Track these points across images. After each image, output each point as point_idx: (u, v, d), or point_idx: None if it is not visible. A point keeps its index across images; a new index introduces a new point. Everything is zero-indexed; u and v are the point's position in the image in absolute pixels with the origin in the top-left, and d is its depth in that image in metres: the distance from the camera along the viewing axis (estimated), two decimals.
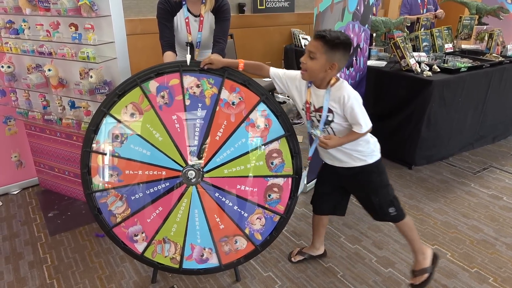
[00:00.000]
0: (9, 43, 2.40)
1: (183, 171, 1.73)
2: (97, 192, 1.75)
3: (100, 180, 1.74)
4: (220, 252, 1.85)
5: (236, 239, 1.84)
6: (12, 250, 2.29)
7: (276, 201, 1.83)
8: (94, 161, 1.73)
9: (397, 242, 2.36)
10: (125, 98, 1.70)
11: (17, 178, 2.90)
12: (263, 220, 1.84)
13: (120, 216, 1.77)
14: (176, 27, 2.18)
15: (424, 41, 3.69)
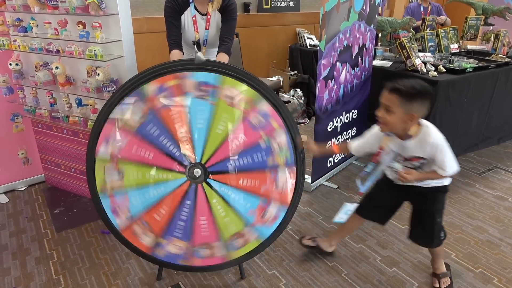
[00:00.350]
0: (17, 41, 2.42)
1: (188, 169, 1.73)
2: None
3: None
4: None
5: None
6: (19, 246, 2.31)
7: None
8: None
9: (402, 242, 2.36)
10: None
11: (23, 175, 2.93)
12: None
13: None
14: (183, 26, 2.20)
15: (429, 41, 3.69)
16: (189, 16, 2.18)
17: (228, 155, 1.72)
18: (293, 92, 4.32)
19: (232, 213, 1.78)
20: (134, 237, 1.82)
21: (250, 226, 1.81)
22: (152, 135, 1.69)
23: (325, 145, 1.76)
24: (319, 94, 2.71)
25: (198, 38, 2.22)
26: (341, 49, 2.83)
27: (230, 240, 1.82)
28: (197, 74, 1.69)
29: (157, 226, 1.79)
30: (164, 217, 1.77)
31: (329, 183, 3.05)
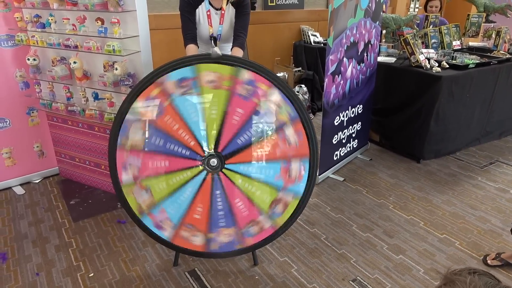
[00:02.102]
0: (35, 37, 2.49)
1: (204, 162, 1.78)
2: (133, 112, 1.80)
3: (142, 106, 1.78)
4: (177, 232, 1.89)
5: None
6: (38, 234, 2.40)
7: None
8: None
9: (407, 231, 2.45)
10: (148, 90, 1.76)
11: (38, 168, 3.01)
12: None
13: (132, 143, 1.80)
14: (198, 20, 2.25)
15: (432, 38, 3.77)
16: (204, 11, 2.23)
17: (234, 134, 1.77)
18: (298, 88, 4.40)
19: (261, 186, 1.83)
20: (185, 242, 1.90)
21: (282, 190, 1.86)
22: (160, 146, 1.77)
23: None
24: (327, 88, 2.79)
25: (212, 32, 2.27)
26: (348, 45, 2.91)
27: (271, 209, 1.87)
28: (172, 74, 1.74)
29: (201, 224, 1.86)
30: (204, 214, 1.85)
31: (335, 176, 3.14)
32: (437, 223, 2.54)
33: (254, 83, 1.77)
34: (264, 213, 1.88)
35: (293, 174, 1.85)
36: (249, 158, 1.80)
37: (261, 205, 1.86)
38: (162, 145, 1.76)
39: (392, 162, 3.41)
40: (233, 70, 1.74)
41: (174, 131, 1.75)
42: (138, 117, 1.76)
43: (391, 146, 3.65)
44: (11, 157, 2.85)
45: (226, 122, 1.76)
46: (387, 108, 3.56)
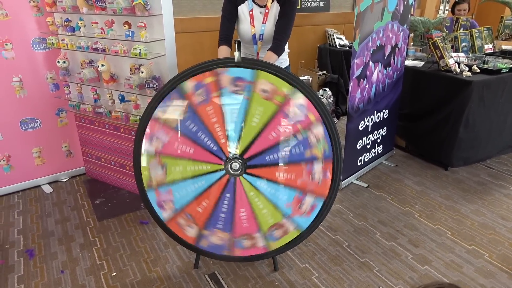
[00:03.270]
0: (65, 40, 2.57)
1: (226, 163, 1.80)
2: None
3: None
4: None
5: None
6: (64, 232, 2.46)
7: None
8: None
9: (433, 241, 2.37)
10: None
11: (66, 167, 3.09)
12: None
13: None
14: (240, 20, 2.19)
15: (463, 42, 3.65)
16: (246, 10, 2.16)
17: (265, 148, 1.78)
18: (322, 91, 4.35)
19: (269, 205, 1.85)
20: (179, 229, 1.92)
21: (288, 218, 1.87)
22: (191, 131, 1.78)
23: None
24: (352, 93, 2.74)
25: (254, 33, 2.19)
26: (374, 49, 2.85)
27: (269, 231, 1.89)
28: (231, 70, 1.74)
29: (200, 218, 1.88)
30: (206, 210, 1.86)
31: (359, 182, 3.08)
32: (465, 234, 2.45)
33: (304, 110, 1.76)
34: (262, 232, 1.89)
35: (304, 208, 1.86)
36: (270, 176, 1.81)
37: (262, 223, 1.87)
38: (194, 132, 1.78)
39: (418, 168, 3.31)
40: (290, 90, 1.75)
41: (210, 123, 1.77)
42: (183, 95, 1.77)
43: (417, 152, 3.55)
44: (41, 156, 2.94)
45: (262, 135, 1.77)
46: (414, 113, 3.46)
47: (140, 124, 1.82)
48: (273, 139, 1.77)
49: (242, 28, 2.24)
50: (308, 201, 1.85)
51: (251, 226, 1.87)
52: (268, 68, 1.74)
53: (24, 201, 2.80)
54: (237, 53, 1.77)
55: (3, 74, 2.63)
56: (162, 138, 1.81)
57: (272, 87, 1.75)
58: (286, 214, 1.86)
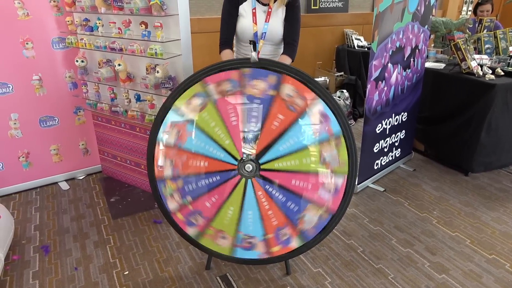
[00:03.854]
0: (84, 39, 2.60)
1: (240, 163, 1.78)
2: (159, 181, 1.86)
3: (161, 170, 1.84)
4: (271, 243, 1.89)
5: (287, 233, 1.87)
6: (79, 230, 2.49)
7: (328, 200, 1.83)
8: (156, 150, 1.83)
9: (452, 249, 2.30)
10: (189, 91, 1.76)
11: (83, 165, 3.14)
12: (315, 217, 1.85)
13: (178, 203, 1.87)
14: (241, 18, 2.16)
15: (486, 43, 3.54)
16: (249, 8, 2.14)
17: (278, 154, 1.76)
18: (339, 93, 4.30)
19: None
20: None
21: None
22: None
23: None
24: (369, 95, 2.69)
25: (256, 30, 2.15)
26: (393, 50, 2.79)
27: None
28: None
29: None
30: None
31: (375, 186, 3.02)
32: (485, 242, 2.37)
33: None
34: (260, 236, 1.86)
35: (317, 120, 1.78)
36: (272, 137, 1.76)
37: (315, 168, 1.80)
38: (200, 186, 1.83)
39: (437, 173, 3.23)
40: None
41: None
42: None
43: (437, 156, 3.46)
44: (58, 153, 2.99)
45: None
46: (434, 116, 3.38)
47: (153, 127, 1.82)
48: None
49: (244, 26, 2.17)
50: (316, 214, 1.83)
51: (280, 220, 1.84)
52: (292, 73, 1.72)
53: (41, 197, 2.85)
54: (254, 53, 1.75)
55: (23, 73, 2.68)
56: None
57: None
58: (294, 222, 1.84)
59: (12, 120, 2.73)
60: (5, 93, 2.66)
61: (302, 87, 1.74)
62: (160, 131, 1.83)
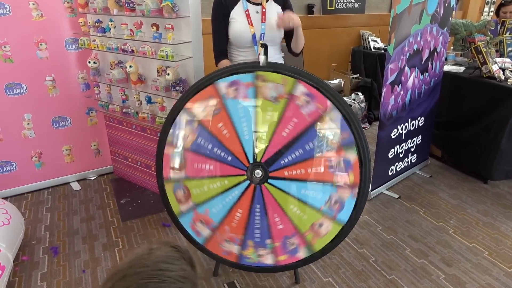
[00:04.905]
0: (96, 41, 2.60)
1: (249, 169, 1.74)
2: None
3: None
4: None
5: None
6: (88, 231, 2.48)
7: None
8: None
9: (469, 261, 2.21)
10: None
11: (95, 165, 3.14)
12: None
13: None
14: (235, 23, 2.04)
15: (509, 46, 3.41)
16: (241, 11, 2.02)
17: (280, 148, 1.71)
18: (354, 96, 4.21)
19: (303, 206, 1.76)
20: (219, 248, 1.88)
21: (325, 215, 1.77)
22: (206, 148, 1.75)
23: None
24: (385, 99, 2.61)
25: (254, 33, 2.04)
26: (411, 53, 2.70)
27: (311, 230, 1.79)
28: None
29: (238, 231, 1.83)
30: (241, 222, 1.81)
31: (389, 192, 2.93)
32: (505, 254, 2.27)
33: (312, 98, 1.68)
34: (301, 233, 1.78)
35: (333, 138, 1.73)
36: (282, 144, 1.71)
37: (299, 226, 1.77)
38: (210, 149, 1.75)
39: (455, 181, 3.12)
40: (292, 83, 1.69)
41: (223, 136, 1.72)
42: (191, 117, 1.76)
43: (454, 163, 3.35)
44: (70, 154, 3.00)
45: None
46: (452, 121, 3.27)
47: (163, 129, 1.80)
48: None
49: (239, 30, 2.03)
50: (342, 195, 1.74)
51: (288, 228, 1.79)
52: (306, 78, 1.67)
53: (53, 197, 2.87)
54: (263, 56, 1.70)
55: (37, 73, 2.70)
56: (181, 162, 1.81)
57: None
58: (325, 212, 1.76)
59: (26, 121, 2.76)
60: (19, 93, 2.68)
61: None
62: (169, 133, 1.79)
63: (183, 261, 0.77)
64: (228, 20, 2.05)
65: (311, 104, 1.69)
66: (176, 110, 1.77)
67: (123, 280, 0.70)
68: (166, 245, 0.79)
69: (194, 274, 0.78)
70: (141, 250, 0.78)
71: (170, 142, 1.80)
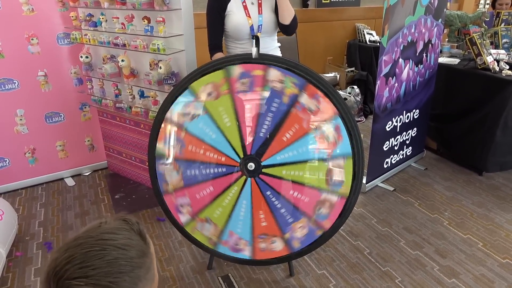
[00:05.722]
0: (88, 35, 2.58)
1: (243, 161, 1.73)
2: (158, 157, 1.82)
3: (163, 148, 1.79)
4: (255, 247, 1.84)
5: (275, 240, 1.82)
6: (82, 227, 2.46)
7: (324, 216, 1.77)
8: (163, 130, 1.78)
9: (463, 252, 2.21)
10: (207, 77, 1.70)
11: (89, 161, 3.13)
12: (305, 231, 1.79)
13: (173, 186, 1.82)
14: (232, 16, 2.02)
15: (504, 38, 3.40)
16: (238, 2, 2.01)
17: (253, 132, 1.70)
18: (349, 89, 4.20)
19: (305, 166, 1.74)
20: (267, 252, 1.86)
21: (329, 159, 1.73)
22: (196, 175, 1.76)
23: None
24: (379, 91, 2.60)
25: (252, 24, 2.03)
26: (405, 45, 2.69)
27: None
28: (174, 107, 1.73)
29: (272, 229, 1.81)
30: (268, 219, 1.80)
31: (385, 185, 2.93)
32: (499, 246, 2.27)
33: (248, 74, 1.68)
34: (325, 189, 1.74)
35: (331, 138, 1.70)
36: (280, 146, 1.70)
37: (317, 184, 1.73)
38: (198, 174, 1.77)
39: (450, 173, 3.12)
40: (223, 73, 1.68)
41: (202, 156, 1.74)
42: (165, 160, 1.79)
43: (449, 155, 3.35)
44: (64, 149, 2.98)
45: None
46: (447, 113, 3.27)
47: (155, 122, 1.79)
48: (251, 119, 1.70)
49: (237, 23, 2.02)
50: (327, 129, 1.70)
51: (313, 195, 1.75)
52: (247, 59, 1.66)
53: (47, 193, 2.86)
54: (254, 48, 1.69)
55: (28, 69, 2.68)
56: (185, 202, 1.82)
57: (211, 85, 1.68)
58: (325, 158, 1.72)
59: (18, 116, 2.74)
60: (11, 89, 2.66)
61: (324, 98, 1.66)
62: (171, 110, 1.76)
63: (132, 232, 0.77)
64: (225, 13, 2.03)
65: (316, 110, 1.67)
66: (180, 88, 1.75)
67: (67, 251, 0.71)
68: (116, 219, 0.80)
69: (143, 244, 0.77)
70: (91, 225, 0.78)
71: (165, 191, 1.84)
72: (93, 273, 0.68)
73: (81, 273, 0.68)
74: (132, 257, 0.73)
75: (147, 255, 0.77)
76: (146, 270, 0.76)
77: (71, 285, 0.67)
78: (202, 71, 1.71)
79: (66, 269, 0.68)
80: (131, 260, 0.73)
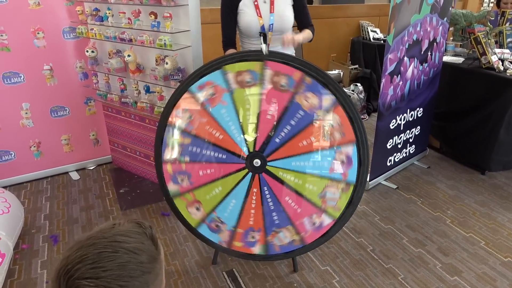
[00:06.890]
0: (94, 30, 2.58)
1: (250, 155, 1.74)
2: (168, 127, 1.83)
3: (179, 116, 1.80)
4: (236, 237, 1.87)
5: (255, 236, 1.85)
6: (87, 220, 2.49)
7: (312, 230, 1.81)
8: (185, 99, 1.79)
9: (465, 250, 2.23)
10: (240, 65, 1.72)
11: (93, 155, 3.14)
12: (287, 239, 1.83)
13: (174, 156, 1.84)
14: (244, 14, 2.05)
15: (508, 37, 3.39)
16: (249, 2, 2.03)
17: (269, 130, 1.72)
18: (353, 86, 4.20)
19: (259, 213, 1.81)
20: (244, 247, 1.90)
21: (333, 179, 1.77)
22: (201, 154, 1.78)
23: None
24: (383, 90, 2.61)
25: (263, 23, 2.04)
26: (410, 44, 2.69)
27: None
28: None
29: (257, 224, 1.84)
30: (257, 216, 1.82)
31: (388, 183, 2.95)
32: (501, 244, 2.29)
33: (291, 78, 1.69)
34: (318, 206, 1.78)
35: (344, 159, 1.74)
36: (292, 151, 1.73)
37: (314, 200, 1.77)
38: (204, 154, 1.78)
39: (452, 171, 3.13)
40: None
41: (214, 137, 1.75)
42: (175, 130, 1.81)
43: (452, 154, 3.36)
44: (69, 143, 3.00)
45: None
46: (451, 112, 3.27)
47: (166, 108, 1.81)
48: (272, 119, 1.72)
49: (248, 21, 2.05)
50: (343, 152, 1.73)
51: (305, 208, 1.79)
52: (257, 56, 1.68)
53: (52, 187, 2.87)
54: (264, 45, 1.70)
55: (34, 62, 2.69)
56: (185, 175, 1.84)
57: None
58: (331, 176, 1.76)
59: (24, 110, 2.75)
60: (17, 82, 2.67)
61: (347, 122, 1.69)
62: (196, 85, 1.76)
63: (144, 236, 0.77)
64: (237, 11, 2.07)
65: (339, 131, 1.70)
66: (210, 67, 1.76)
67: (79, 250, 0.71)
68: (130, 222, 0.80)
69: (154, 249, 0.77)
70: (104, 225, 0.78)
71: (192, 91, 1.78)
72: (104, 275, 0.68)
73: (92, 273, 0.68)
74: (143, 261, 0.73)
75: (157, 261, 0.77)
76: (155, 276, 0.75)
77: (81, 285, 0.67)
78: (240, 57, 1.73)
79: (77, 268, 0.68)
80: (141, 265, 0.73)
